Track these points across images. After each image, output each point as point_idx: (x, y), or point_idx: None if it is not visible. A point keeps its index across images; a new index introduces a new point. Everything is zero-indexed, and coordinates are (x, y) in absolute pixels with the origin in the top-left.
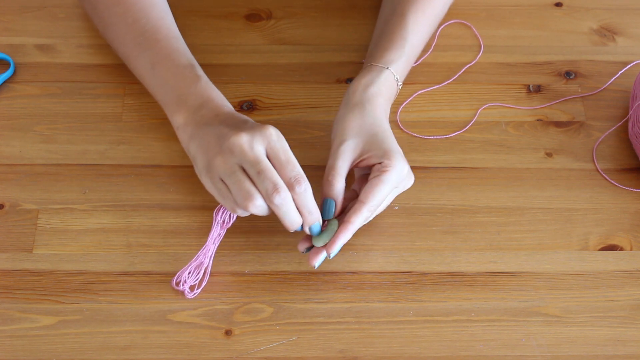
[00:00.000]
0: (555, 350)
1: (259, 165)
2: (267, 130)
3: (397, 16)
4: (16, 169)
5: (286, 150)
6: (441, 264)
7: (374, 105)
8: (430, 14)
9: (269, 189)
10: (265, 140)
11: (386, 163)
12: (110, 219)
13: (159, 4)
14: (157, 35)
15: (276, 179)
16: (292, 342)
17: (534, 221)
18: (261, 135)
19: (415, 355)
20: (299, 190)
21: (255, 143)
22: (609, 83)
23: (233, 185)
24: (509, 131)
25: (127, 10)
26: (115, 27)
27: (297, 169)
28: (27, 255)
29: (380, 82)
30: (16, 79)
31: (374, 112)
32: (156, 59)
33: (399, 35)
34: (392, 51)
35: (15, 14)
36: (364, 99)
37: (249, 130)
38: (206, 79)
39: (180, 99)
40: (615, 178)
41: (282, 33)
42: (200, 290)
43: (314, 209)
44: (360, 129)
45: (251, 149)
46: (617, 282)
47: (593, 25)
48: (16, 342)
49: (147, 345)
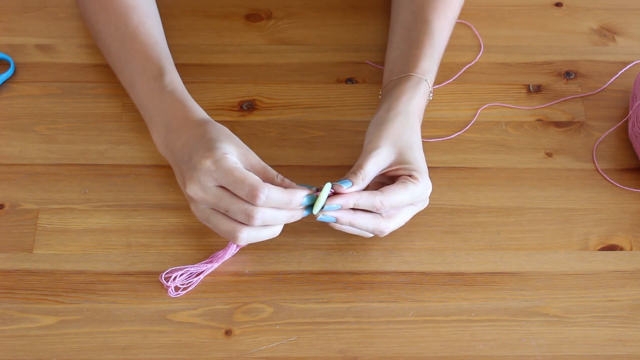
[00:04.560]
0: (555, 350)
1: (222, 203)
2: (204, 165)
3: (422, 23)
4: (16, 169)
5: (228, 172)
6: (441, 264)
7: (414, 117)
8: (451, 17)
9: (244, 219)
10: (209, 177)
11: (417, 175)
12: (110, 219)
13: (140, 8)
14: (134, 44)
15: (243, 207)
16: (292, 342)
17: (534, 221)
18: (203, 175)
19: (415, 355)
20: (262, 201)
21: (205, 185)
22: (609, 83)
23: (215, 228)
24: (509, 131)
25: (109, 18)
26: (101, 34)
27: (247, 184)
28: (27, 255)
29: (420, 94)
30: (16, 79)
31: (413, 125)
32: (134, 74)
33: (429, 43)
34: (426, 60)
35: (15, 14)
36: (407, 110)
37: (193, 173)
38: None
39: (152, 121)
40: (615, 178)
41: (282, 33)
42: (184, 292)
43: (287, 198)
44: (398, 139)
45: (205, 193)
46: (617, 282)
47: (593, 25)
48: (16, 342)
49: (147, 345)
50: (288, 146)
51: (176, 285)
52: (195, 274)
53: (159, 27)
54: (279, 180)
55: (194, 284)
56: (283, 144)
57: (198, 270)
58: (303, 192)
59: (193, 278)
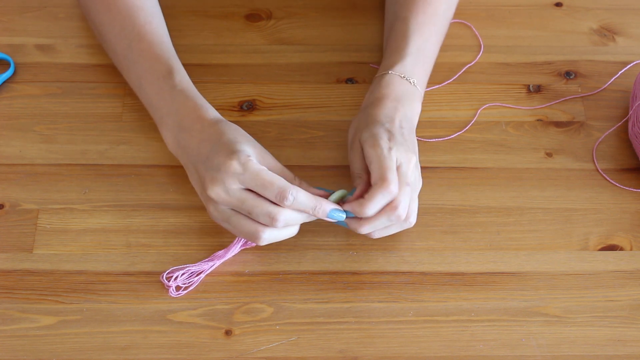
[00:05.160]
0: (555, 350)
1: (245, 205)
2: (230, 167)
3: (400, 21)
4: (16, 169)
5: (256, 175)
6: (441, 264)
7: (378, 107)
8: (431, 13)
9: (267, 221)
10: (234, 179)
11: (368, 144)
12: (110, 219)
13: (145, 8)
14: (142, 44)
15: (267, 209)
16: (292, 342)
17: (534, 221)
18: (229, 176)
19: (415, 355)
20: (289, 202)
21: (229, 188)
22: (609, 83)
23: (234, 229)
24: (509, 131)
25: (114, 18)
26: (106, 35)
27: (275, 186)
28: (27, 255)
29: (382, 86)
30: (16, 79)
31: (373, 109)
32: (141, 74)
33: (401, 38)
34: (394, 55)
35: (15, 14)
36: (367, 104)
37: (215, 175)
38: (180, 89)
39: (162, 120)
40: (615, 178)
41: (282, 33)
42: (185, 292)
43: (313, 203)
44: (358, 124)
45: (229, 195)
46: (617, 282)
47: (593, 25)
48: (16, 342)
49: (147, 345)
50: (288, 146)
51: (177, 285)
52: (197, 273)
53: (164, 26)
54: (297, 182)
55: (195, 283)
56: (283, 144)
57: (199, 269)
58: (330, 205)
59: (194, 277)
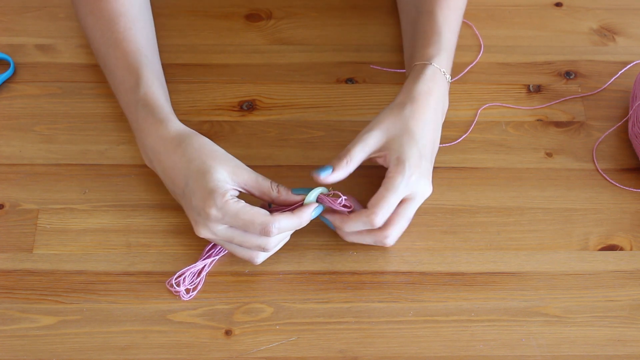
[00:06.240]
0: (555, 350)
1: (235, 241)
2: (210, 215)
3: (425, 14)
4: (16, 169)
5: (235, 217)
6: (441, 264)
7: (419, 104)
8: (455, 6)
9: (259, 249)
10: (216, 223)
11: (392, 169)
12: (110, 219)
13: (127, 14)
14: (117, 51)
15: (256, 242)
16: (292, 342)
17: (534, 221)
18: (210, 222)
19: (415, 355)
20: (274, 234)
21: (214, 230)
22: (609, 83)
23: (231, 251)
24: (509, 131)
25: (96, 22)
26: (90, 39)
27: (257, 224)
28: (27, 255)
29: (426, 78)
30: (16, 79)
31: (414, 113)
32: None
33: (433, 31)
34: (430, 47)
35: (15, 14)
36: (408, 98)
37: (197, 219)
38: (142, 103)
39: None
40: (615, 178)
41: (282, 33)
42: (196, 292)
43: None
44: (392, 125)
45: (216, 235)
46: (617, 282)
47: (593, 25)
48: (16, 342)
49: (147, 345)
50: (288, 146)
51: (187, 288)
52: (197, 272)
53: (147, 32)
54: (275, 191)
55: (201, 282)
56: (283, 144)
57: (199, 268)
58: (309, 210)
59: (195, 278)
